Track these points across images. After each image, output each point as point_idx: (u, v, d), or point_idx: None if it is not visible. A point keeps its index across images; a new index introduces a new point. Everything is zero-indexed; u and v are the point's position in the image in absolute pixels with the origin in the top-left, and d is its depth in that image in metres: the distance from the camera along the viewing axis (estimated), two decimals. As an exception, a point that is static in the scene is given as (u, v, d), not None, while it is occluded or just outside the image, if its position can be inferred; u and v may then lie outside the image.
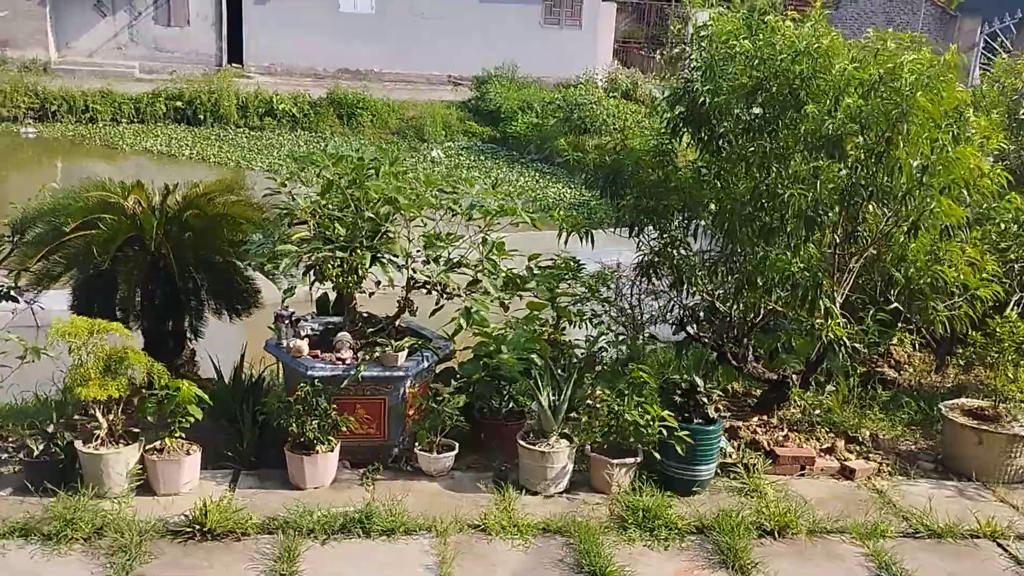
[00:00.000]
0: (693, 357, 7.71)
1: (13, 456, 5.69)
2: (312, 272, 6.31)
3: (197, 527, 5.26)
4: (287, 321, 6.32)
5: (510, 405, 6.73)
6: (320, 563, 5.11)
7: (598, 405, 6.48)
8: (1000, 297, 6.84)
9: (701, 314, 7.34)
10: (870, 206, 6.13)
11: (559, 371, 6.73)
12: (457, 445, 6.27)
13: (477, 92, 24.98)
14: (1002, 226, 7.34)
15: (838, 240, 6.44)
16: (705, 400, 6.19)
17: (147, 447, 5.72)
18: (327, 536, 5.37)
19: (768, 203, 6.15)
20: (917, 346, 8.48)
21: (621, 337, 7.27)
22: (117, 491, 5.53)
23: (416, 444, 6.19)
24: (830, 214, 6.04)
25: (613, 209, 7.08)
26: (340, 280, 6.18)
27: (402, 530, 5.48)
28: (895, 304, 6.65)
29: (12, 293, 6.87)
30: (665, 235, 6.86)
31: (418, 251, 6.37)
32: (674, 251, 6.84)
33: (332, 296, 7.24)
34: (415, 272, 6.25)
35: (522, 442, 6.08)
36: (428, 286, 6.36)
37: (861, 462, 6.62)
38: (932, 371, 8.59)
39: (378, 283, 6.27)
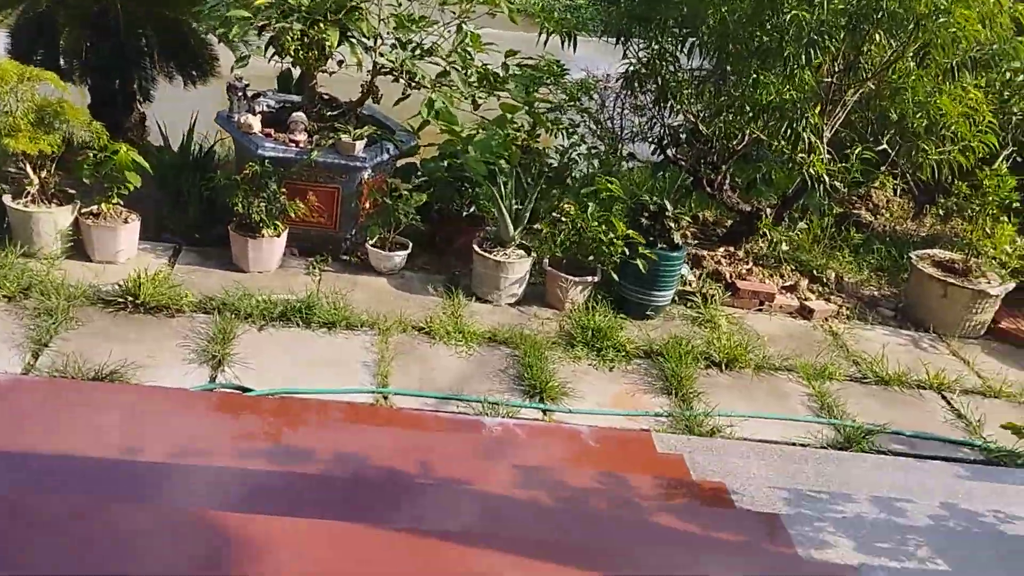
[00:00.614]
0: (669, 180, 7.44)
1: (-63, 204, 5.38)
2: (273, 44, 5.83)
3: (130, 298, 5.06)
4: (240, 93, 5.89)
5: (471, 209, 6.47)
6: (255, 347, 4.96)
7: (563, 218, 6.24)
8: (994, 150, 6.53)
9: (683, 136, 6.97)
10: (877, 34, 5.68)
11: (528, 179, 6.42)
12: (411, 244, 6.03)
13: None
14: (1008, 75, 6.90)
15: (837, 70, 6.01)
16: (672, 225, 5.95)
17: (82, 211, 5.42)
18: (265, 322, 5.20)
19: (770, 20, 5.67)
20: (898, 192, 8.24)
21: (595, 151, 6.91)
22: (47, 252, 5.28)
23: (368, 239, 5.94)
24: (834, 40, 5.58)
25: (602, 14, 6.54)
26: (300, 56, 5.70)
27: (344, 324, 5.32)
28: (883, 145, 6.32)
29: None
30: (655, 46, 6.38)
31: (388, 33, 5.88)
32: (662, 64, 6.37)
33: (296, 73, 6.77)
34: (381, 56, 5.78)
35: (478, 248, 5.86)
36: (395, 73, 5.91)
37: (821, 303, 6.50)
38: (909, 218, 8.38)
39: (340, 63, 5.81)
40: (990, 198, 6.49)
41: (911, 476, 4.52)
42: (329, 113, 6.10)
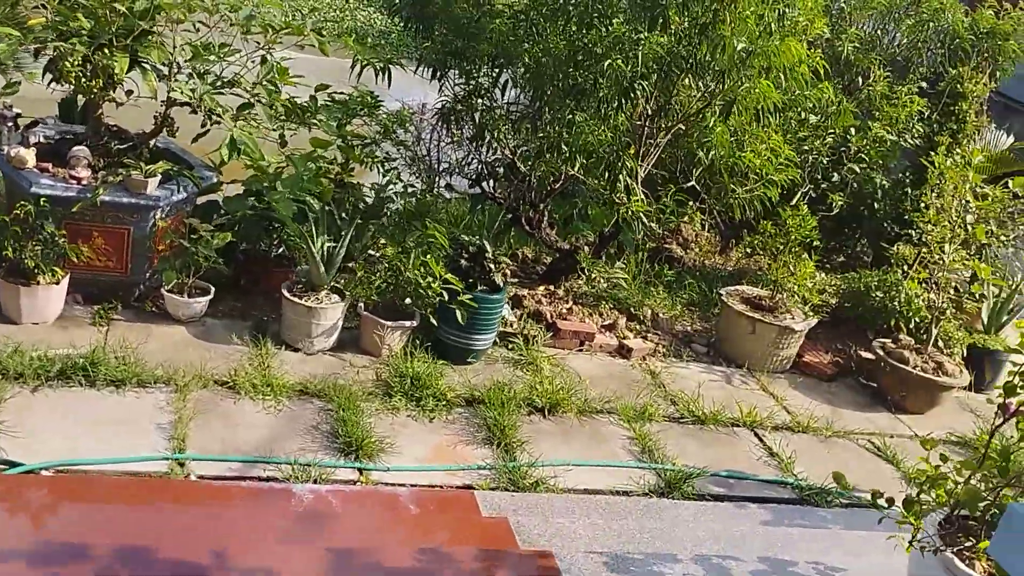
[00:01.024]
0: (488, 215, 7.32)
1: None
2: (51, 68, 5.26)
3: None
4: (10, 123, 5.25)
5: (280, 249, 6.07)
6: (27, 413, 4.36)
7: (379, 255, 5.97)
8: (795, 185, 6.81)
9: (500, 170, 6.86)
10: (687, 79, 5.78)
11: (342, 214, 6.10)
12: (213, 289, 5.57)
13: None
14: (802, 115, 7.24)
15: (649, 113, 6.08)
16: (492, 266, 5.79)
17: None
18: (40, 382, 4.61)
19: (585, 62, 5.65)
20: (706, 227, 8.49)
21: (412, 189, 6.67)
22: None
23: (164, 284, 5.43)
24: (646, 84, 5.63)
25: (416, 46, 6.34)
26: (82, 83, 5.15)
27: (135, 381, 4.80)
28: (692, 182, 6.45)
29: None
30: (471, 82, 6.24)
31: (186, 62, 5.42)
32: (479, 100, 6.24)
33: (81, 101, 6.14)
34: (176, 87, 5.31)
35: (287, 293, 5.47)
36: (192, 105, 5.45)
37: (639, 341, 6.53)
38: (717, 252, 8.65)
39: (129, 92, 5.31)
40: (793, 236, 6.76)
41: (731, 526, 4.52)
42: (118, 147, 5.54)
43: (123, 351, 4.97)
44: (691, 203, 6.82)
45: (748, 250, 7.77)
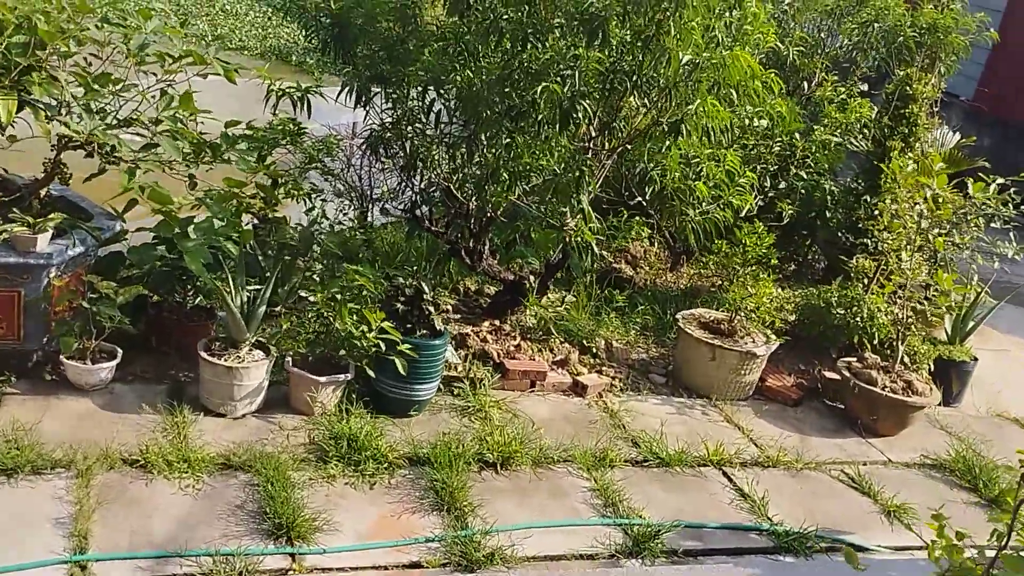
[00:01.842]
0: (425, 244, 6.86)
1: None
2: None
3: None
4: None
5: (197, 300, 5.50)
6: (-102, 522, 3.77)
7: (308, 300, 5.45)
8: (749, 202, 6.46)
9: (436, 194, 6.37)
10: (632, 96, 5.36)
11: (268, 252, 5.58)
12: (120, 352, 4.98)
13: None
14: (746, 121, 6.89)
15: (593, 133, 5.66)
16: (432, 309, 5.30)
17: None
18: (-86, 480, 4.02)
19: (520, 82, 5.20)
20: (654, 243, 8.11)
21: (339, 227, 6.16)
22: None
23: (63, 351, 4.84)
24: (588, 103, 5.20)
25: (338, 72, 5.83)
26: (-47, 129, 4.55)
27: (29, 468, 4.21)
28: (639, 199, 6.06)
29: None
30: (399, 108, 5.75)
31: (77, 99, 4.84)
32: (409, 127, 5.75)
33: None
34: (67, 126, 4.72)
35: (204, 353, 4.91)
36: (88, 147, 4.88)
37: (594, 376, 6.09)
38: (667, 269, 8.27)
39: (12, 138, 4.72)
40: (750, 255, 6.40)
41: (712, 600, 4.12)
42: (2, 198, 4.93)
43: (15, 432, 4.38)
44: (639, 218, 6.43)
45: (703, 271, 7.41)
